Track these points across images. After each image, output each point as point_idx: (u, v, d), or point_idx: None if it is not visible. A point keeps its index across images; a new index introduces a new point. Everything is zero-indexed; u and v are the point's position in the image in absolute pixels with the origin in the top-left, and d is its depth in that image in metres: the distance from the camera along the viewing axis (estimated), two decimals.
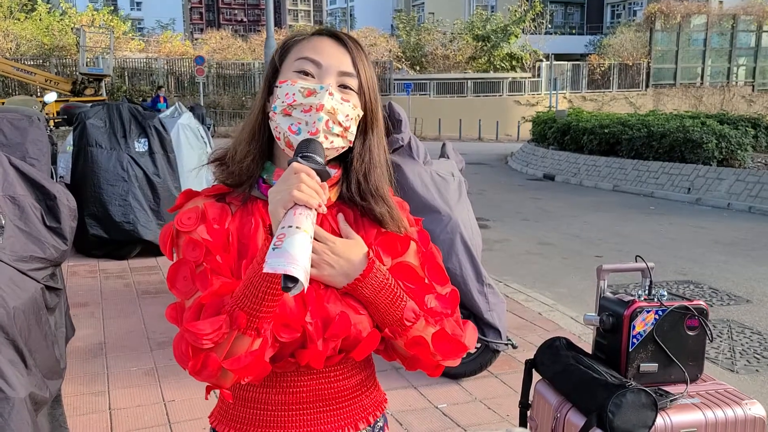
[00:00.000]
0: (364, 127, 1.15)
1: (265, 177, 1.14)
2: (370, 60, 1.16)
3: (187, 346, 0.99)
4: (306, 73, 1.10)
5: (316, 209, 0.96)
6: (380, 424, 1.23)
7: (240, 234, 1.09)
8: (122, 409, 3.33)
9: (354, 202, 1.15)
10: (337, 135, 1.09)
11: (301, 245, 0.89)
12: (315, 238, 1.06)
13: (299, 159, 1.00)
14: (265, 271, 0.89)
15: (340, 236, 1.12)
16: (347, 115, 1.10)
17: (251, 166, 1.13)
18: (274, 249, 0.89)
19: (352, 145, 1.14)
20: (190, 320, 1.00)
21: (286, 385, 1.12)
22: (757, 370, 4.17)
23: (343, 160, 1.16)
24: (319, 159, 1.01)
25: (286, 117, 1.08)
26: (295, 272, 0.87)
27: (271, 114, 1.11)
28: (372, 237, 1.15)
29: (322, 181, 0.98)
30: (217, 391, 1.12)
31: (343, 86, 1.11)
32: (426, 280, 1.17)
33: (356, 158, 1.15)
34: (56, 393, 2.38)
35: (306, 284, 0.89)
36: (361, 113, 1.13)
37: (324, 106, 1.06)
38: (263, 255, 0.95)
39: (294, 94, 1.08)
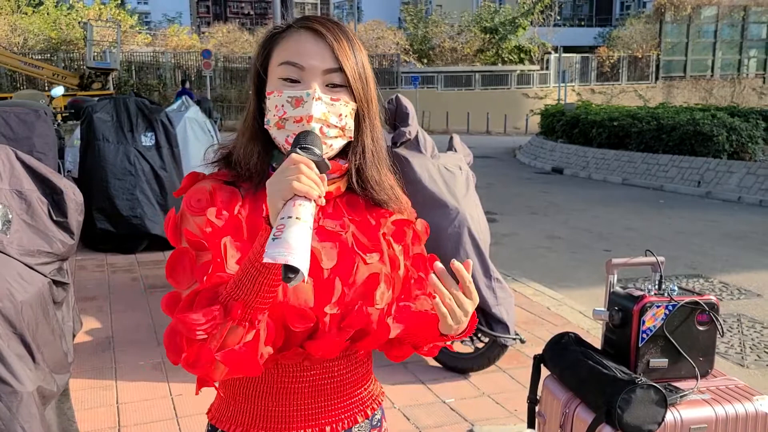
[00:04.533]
0: (357, 117, 1.12)
1: (274, 165, 1.12)
2: (355, 43, 1.12)
3: (181, 337, 0.98)
4: (292, 80, 1.08)
5: (315, 201, 0.94)
6: (378, 416, 1.24)
7: (251, 220, 1.08)
8: (130, 403, 3.34)
9: (355, 189, 1.16)
10: (335, 137, 1.08)
11: (301, 236, 0.88)
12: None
13: (298, 150, 0.98)
14: (264, 261, 0.87)
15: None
16: (340, 115, 1.08)
17: (258, 163, 1.11)
18: (273, 239, 0.88)
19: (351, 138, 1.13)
20: (183, 310, 0.98)
21: (288, 381, 1.12)
22: (767, 365, 4.14)
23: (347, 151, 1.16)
24: (317, 151, 1.00)
25: (281, 130, 1.07)
26: (294, 262, 0.86)
27: (267, 126, 1.09)
28: (383, 225, 1.17)
29: (321, 173, 0.96)
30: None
31: (332, 84, 1.08)
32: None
33: (350, 151, 1.14)
34: (64, 387, 2.38)
35: (306, 274, 0.88)
36: (355, 106, 1.11)
37: (313, 116, 1.04)
38: (259, 246, 0.93)
39: (283, 106, 1.06)
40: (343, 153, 1.14)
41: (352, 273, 1.10)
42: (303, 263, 0.87)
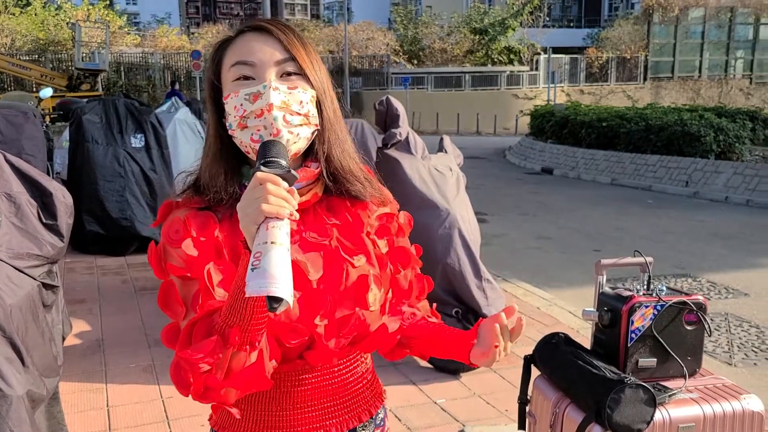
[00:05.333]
0: (318, 106, 1.11)
1: (246, 183, 1.10)
2: (304, 38, 1.12)
3: (186, 372, 0.97)
4: (245, 78, 1.07)
5: (288, 218, 0.92)
6: (381, 415, 1.25)
7: (231, 242, 1.06)
8: (120, 406, 3.33)
9: (331, 188, 1.15)
10: (300, 124, 1.06)
11: (280, 261, 0.87)
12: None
13: (262, 167, 0.95)
14: (247, 295, 0.87)
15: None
16: (301, 101, 1.06)
17: (227, 184, 1.09)
18: (252, 270, 0.86)
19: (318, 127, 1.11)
20: (183, 346, 0.99)
21: (290, 384, 1.12)
22: (755, 364, 4.18)
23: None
24: (282, 162, 0.97)
25: (244, 130, 1.05)
26: (278, 292, 0.85)
27: (230, 132, 1.08)
28: (366, 223, 1.17)
29: (289, 185, 0.94)
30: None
31: (286, 74, 1.08)
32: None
33: (316, 141, 1.12)
34: (54, 390, 2.37)
35: (291, 301, 0.86)
36: (314, 93, 1.10)
37: (273, 104, 1.03)
38: (243, 272, 0.92)
39: (242, 105, 1.05)
40: (312, 155, 1.13)
41: (341, 280, 1.09)
42: (286, 291, 0.86)
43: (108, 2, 30.84)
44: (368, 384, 1.21)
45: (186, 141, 7.26)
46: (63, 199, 2.52)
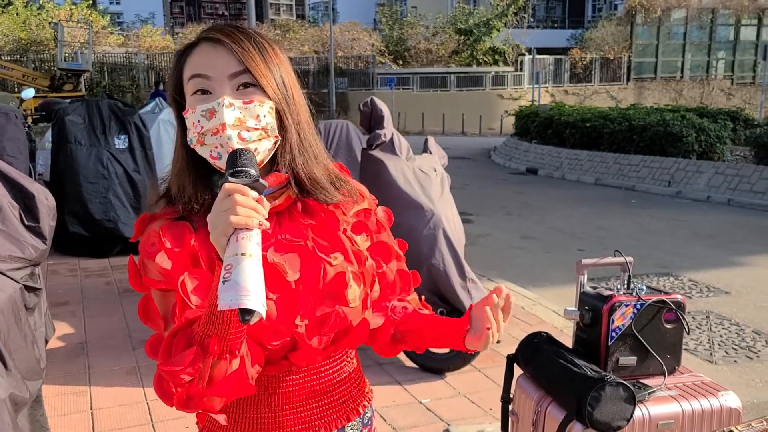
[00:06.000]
0: (279, 116, 1.10)
1: (217, 191, 1.10)
2: (263, 43, 1.09)
3: (168, 384, 0.98)
4: (203, 92, 1.06)
5: (258, 228, 0.92)
6: (369, 414, 1.26)
7: (208, 250, 1.06)
8: (104, 408, 3.31)
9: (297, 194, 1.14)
10: (258, 139, 1.05)
11: (251, 273, 0.87)
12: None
13: (229, 178, 0.94)
14: (219, 308, 0.88)
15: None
16: (258, 116, 1.05)
17: (196, 193, 1.09)
18: (224, 282, 0.87)
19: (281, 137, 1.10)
20: (164, 357, 0.99)
21: (277, 385, 1.13)
22: (735, 361, 4.24)
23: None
24: (251, 171, 0.96)
25: (203, 147, 1.05)
26: (249, 304, 0.85)
27: (192, 146, 1.08)
28: (342, 221, 1.17)
29: (259, 194, 0.94)
30: None
31: (243, 85, 1.06)
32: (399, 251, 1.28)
33: (278, 150, 1.11)
34: (36, 393, 2.36)
35: (263, 312, 0.87)
36: (273, 104, 1.08)
37: (226, 123, 1.02)
38: (217, 285, 0.92)
39: (199, 121, 1.04)
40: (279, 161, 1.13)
41: (319, 279, 1.10)
42: (258, 303, 0.86)
43: (91, 2, 30.55)
44: (355, 383, 1.22)
45: (170, 142, 7.10)
46: (45, 201, 2.51)
